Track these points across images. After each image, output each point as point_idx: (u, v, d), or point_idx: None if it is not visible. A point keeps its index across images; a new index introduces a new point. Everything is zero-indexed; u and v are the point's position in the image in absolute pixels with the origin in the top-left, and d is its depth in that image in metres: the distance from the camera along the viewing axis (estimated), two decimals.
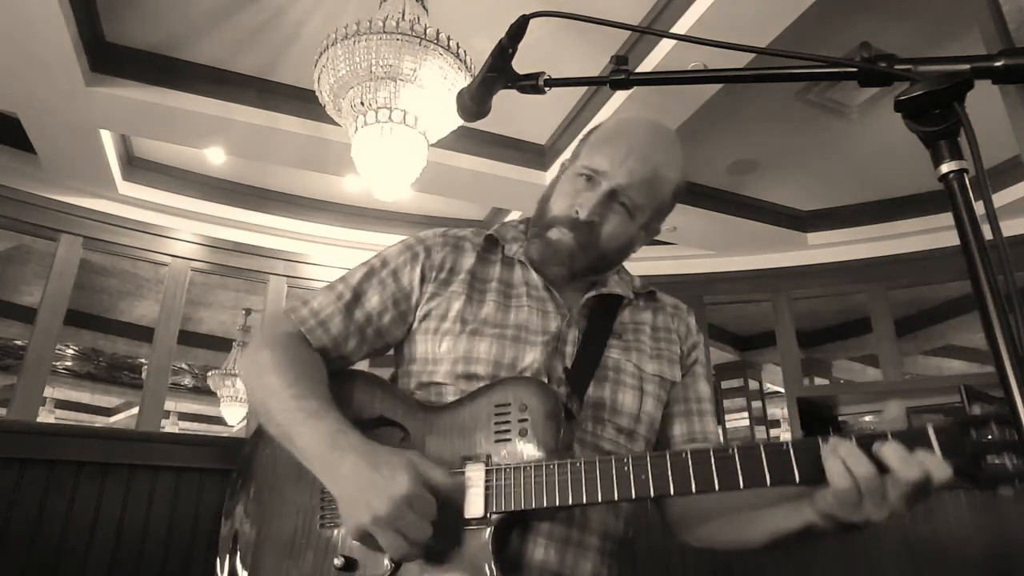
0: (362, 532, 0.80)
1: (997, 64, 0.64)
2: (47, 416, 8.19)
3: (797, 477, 0.73)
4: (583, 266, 1.06)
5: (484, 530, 0.83)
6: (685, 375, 1.13)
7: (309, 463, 0.88)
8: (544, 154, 4.22)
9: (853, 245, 4.78)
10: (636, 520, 1.07)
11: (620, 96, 3.43)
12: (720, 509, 0.96)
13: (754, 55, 2.48)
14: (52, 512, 1.53)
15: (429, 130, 2.83)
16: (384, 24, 2.58)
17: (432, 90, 2.67)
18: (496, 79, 0.89)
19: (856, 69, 0.71)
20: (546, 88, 0.87)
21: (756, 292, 5.12)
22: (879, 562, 1.86)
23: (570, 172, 1.10)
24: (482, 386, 0.95)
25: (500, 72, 0.88)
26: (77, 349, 7.47)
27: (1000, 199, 4.04)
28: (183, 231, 4.74)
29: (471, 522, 0.84)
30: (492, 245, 1.12)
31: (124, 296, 6.05)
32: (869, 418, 5.84)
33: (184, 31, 3.38)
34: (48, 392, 7.83)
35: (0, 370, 7.49)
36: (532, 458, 0.85)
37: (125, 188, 4.46)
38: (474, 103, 0.92)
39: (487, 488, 0.85)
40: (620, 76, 0.81)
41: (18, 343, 6.74)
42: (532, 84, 0.87)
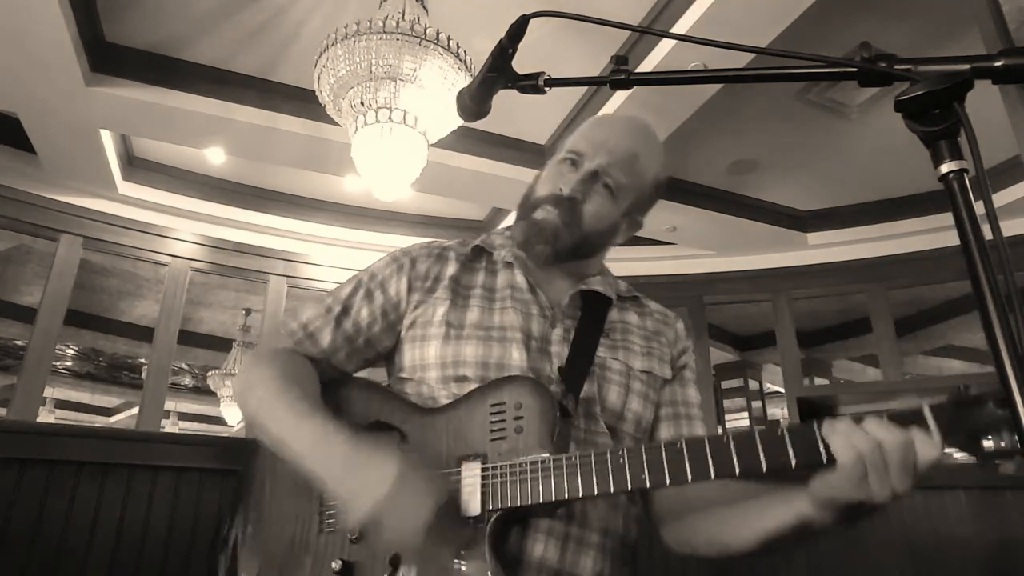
0: (364, 522, 0.81)
1: (997, 64, 0.64)
2: (47, 416, 8.19)
3: (793, 461, 0.73)
4: (567, 245, 1.06)
5: (483, 527, 0.83)
6: (674, 379, 1.13)
7: (303, 465, 0.88)
8: (544, 154, 4.22)
9: (853, 245, 4.78)
10: (644, 523, 1.06)
11: (620, 96, 3.43)
12: (708, 507, 0.96)
13: (754, 55, 2.48)
14: (52, 512, 1.53)
15: (429, 130, 2.83)
16: (384, 24, 2.58)
17: (432, 90, 2.67)
18: (496, 79, 0.89)
19: (856, 69, 0.71)
20: (546, 88, 0.87)
21: (756, 292, 5.12)
22: (879, 562, 1.86)
23: (553, 161, 1.14)
24: (477, 387, 0.95)
25: (500, 72, 0.88)
26: (77, 349, 7.48)
27: (1000, 199, 4.04)
28: (183, 231, 4.74)
29: (469, 521, 0.84)
30: (478, 254, 1.14)
31: (124, 296, 6.06)
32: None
33: (184, 31, 3.38)
34: (48, 392, 7.83)
35: (0, 370, 7.49)
36: (529, 455, 0.86)
37: (125, 188, 4.46)
38: (474, 103, 0.93)
39: (483, 486, 0.85)
40: (620, 76, 0.81)
41: (18, 343, 6.74)
42: (532, 84, 0.87)
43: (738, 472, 0.75)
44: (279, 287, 4.90)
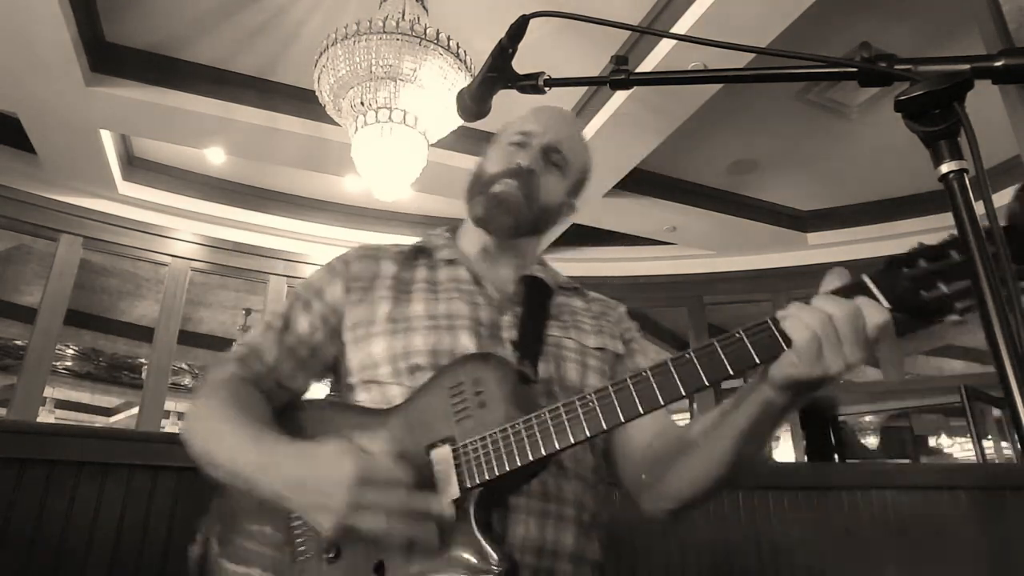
0: (339, 530, 0.78)
1: (997, 64, 0.64)
2: (47, 416, 8.19)
3: (756, 359, 0.74)
4: (527, 219, 1.09)
5: (463, 509, 0.82)
6: (626, 354, 1.14)
7: (258, 489, 0.86)
8: None
9: (853, 245, 4.78)
10: (609, 504, 1.06)
11: (620, 96, 3.43)
12: (677, 448, 0.95)
13: (754, 55, 2.48)
14: (52, 512, 1.53)
15: (429, 130, 2.84)
16: (384, 24, 2.58)
17: (432, 90, 2.67)
18: (496, 79, 0.89)
19: (856, 69, 0.71)
20: (546, 88, 0.87)
21: (756, 292, 5.12)
22: (879, 562, 1.86)
23: (499, 144, 1.16)
24: (429, 378, 0.93)
25: (500, 72, 0.88)
26: (77, 349, 7.48)
27: (1000, 199, 3.95)
28: (183, 231, 4.74)
29: (451, 504, 0.83)
30: (416, 252, 1.14)
31: (124, 296, 6.06)
32: (869, 418, 5.85)
33: (184, 31, 3.38)
34: (48, 392, 7.83)
35: (0, 370, 7.49)
36: (497, 426, 0.84)
37: (125, 188, 4.47)
38: (474, 103, 0.93)
39: (457, 467, 0.84)
40: (620, 76, 0.81)
41: (18, 343, 6.74)
42: (532, 84, 0.87)
43: (706, 381, 0.75)
44: (279, 287, 4.90)
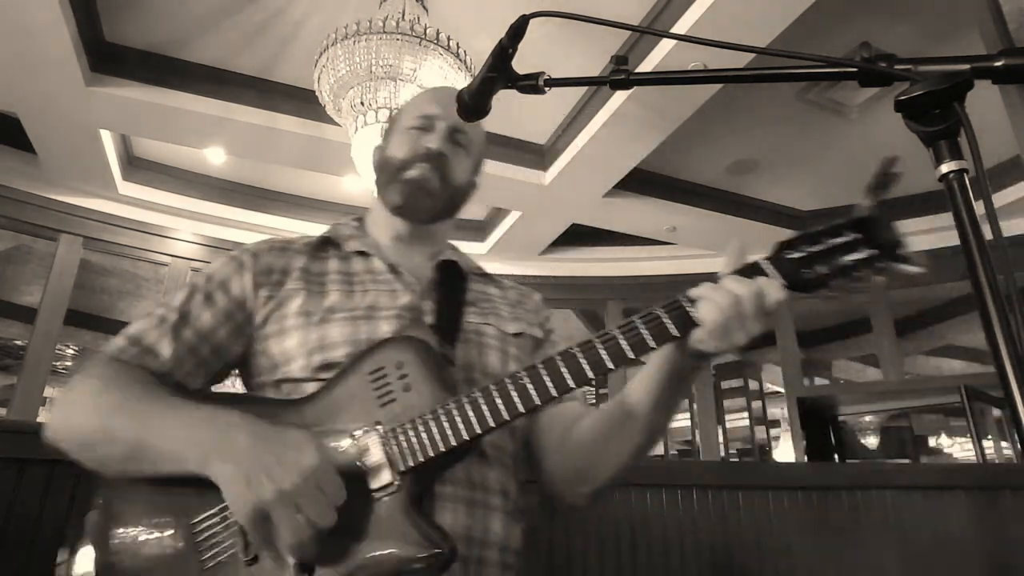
0: (259, 511, 0.72)
1: (997, 64, 0.64)
2: (47, 416, 8.18)
3: (675, 332, 0.80)
4: (444, 202, 1.09)
5: (397, 494, 0.80)
6: (545, 340, 1.14)
7: (183, 458, 0.79)
8: (544, 154, 4.22)
9: None
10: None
11: (620, 96, 3.43)
12: (597, 427, 0.97)
13: (754, 55, 2.48)
14: (52, 512, 1.53)
15: None
16: (384, 24, 2.58)
17: None
18: (496, 79, 0.89)
19: (856, 69, 0.71)
20: (546, 88, 0.87)
21: None
22: (879, 562, 1.86)
23: (399, 130, 1.13)
24: (345, 365, 0.90)
25: (500, 72, 0.88)
26: (77, 349, 7.47)
27: (1000, 199, 4.04)
28: (183, 231, 4.74)
29: (381, 491, 0.80)
30: (325, 244, 1.09)
31: (124, 296, 6.06)
32: (869, 418, 5.85)
33: (184, 31, 3.38)
34: (48, 392, 7.81)
35: (0, 370, 7.49)
36: (425, 408, 0.83)
37: (125, 188, 4.47)
38: (474, 103, 0.92)
39: (387, 451, 0.82)
40: (620, 76, 0.81)
41: (18, 343, 6.74)
42: (532, 84, 0.87)
43: (631, 355, 0.80)
44: None
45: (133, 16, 3.28)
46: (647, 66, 3.15)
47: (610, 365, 0.80)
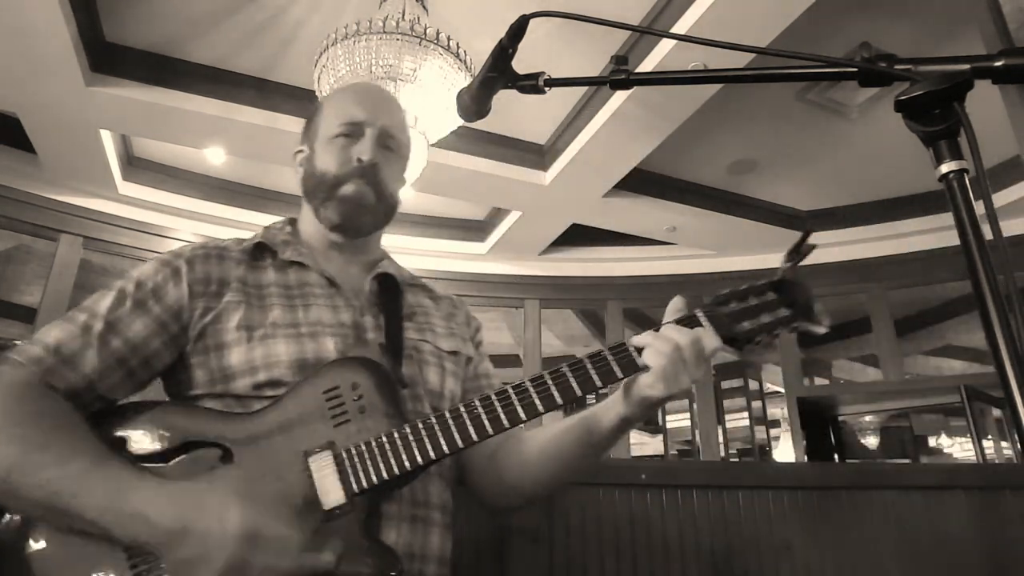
0: None
1: (997, 64, 0.64)
2: None
3: (620, 374, 0.86)
4: (380, 214, 1.07)
5: (351, 514, 0.81)
6: (475, 360, 1.15)
7: (106, 529, 0.75)
8: (544, 154, 4.23)
9: (853, 245, 4.78)
10: (461, 497, 1.08)
11: (620, 96, 3.43)
12: (529, 451, 1.01)
13: (754, 55, 2.48)
14: None
15: (429, 130, 2.84)
16: (384, 24, 2.58)
17: (432, 90, 2.67)
18: (496, 79, 0.89)
19: (856, 69, 0.71)
20: (546, 88, 0.87)
21: None
22: (879, 562, 1.86)
23: (322, 143, 1.07)
24: (298, 382, 0.89)
25: (500, 72, 0.88)
26: None
27: (1000, 199, 4.04)
28: (183, 231, 4.74)
29: (335, 511, 0.81)
30: (261, 252, 1.04)
31: None
32: (869, 418, 5.85)
33: (184, 31, 3.38)
34: None
35: None
36: (380, 431, 0.84)
37: (125, 188, 4.47)
38: (474, 103, 0.92)
39: (341, 472, 0.82)
40: (620, 76, 0.81)
41: (18, 343, 6.73)
42: (532, 84, 0.87)
43: (579, 392, 0.85)
44: None
45: (133, 16, 3.28)
46: (647, 66, 3.15)
47: (559, 401, 0.85)
